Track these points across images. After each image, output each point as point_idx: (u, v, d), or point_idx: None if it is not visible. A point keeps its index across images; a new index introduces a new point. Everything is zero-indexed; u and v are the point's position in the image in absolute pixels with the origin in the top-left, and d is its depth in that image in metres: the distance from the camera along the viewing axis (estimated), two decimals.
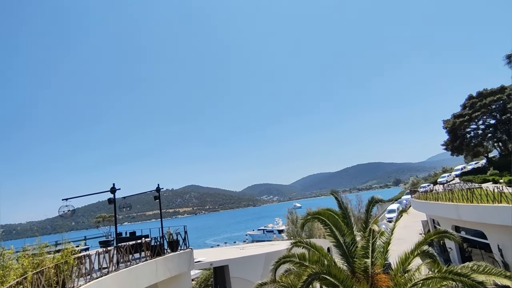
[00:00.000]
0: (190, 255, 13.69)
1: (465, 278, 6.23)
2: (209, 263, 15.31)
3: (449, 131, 44.57)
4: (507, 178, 28.93)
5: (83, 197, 11.89)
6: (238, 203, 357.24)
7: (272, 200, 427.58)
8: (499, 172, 34.89)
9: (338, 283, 7.57)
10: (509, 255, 14.04)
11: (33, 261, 7.45)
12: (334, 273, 7.54)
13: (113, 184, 11.14)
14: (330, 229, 8.54)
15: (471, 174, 42.17)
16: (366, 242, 7.95)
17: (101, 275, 9.61)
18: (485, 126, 42.97)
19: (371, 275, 8.02)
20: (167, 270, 12.44)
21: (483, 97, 41.03)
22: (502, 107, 39.78)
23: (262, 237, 68.37)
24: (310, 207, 42.18)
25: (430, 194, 20.77)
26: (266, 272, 17.01)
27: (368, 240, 7.95)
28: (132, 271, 10.76)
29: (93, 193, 11.97)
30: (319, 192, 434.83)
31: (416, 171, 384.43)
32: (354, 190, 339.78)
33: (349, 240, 8.52)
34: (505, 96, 38.91)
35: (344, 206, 9.39)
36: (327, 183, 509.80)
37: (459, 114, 43.04)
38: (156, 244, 12.44)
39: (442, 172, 59.53)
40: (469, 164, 55.80)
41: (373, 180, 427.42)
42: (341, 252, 8.58)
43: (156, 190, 13.41)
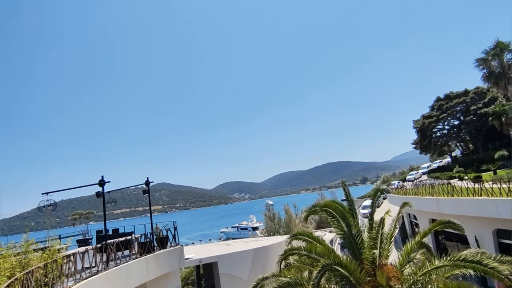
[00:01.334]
0: (181, 252, 13.12)
1: (478, 265, 6.39)
2: (198, 260, 14.78)
3: (418, 131, 46.94)
4: (472, 175, 30.97)
5: (63, 191, 10.90)
6: (209, 201, 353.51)
7: (244, 198, 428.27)
8: (463, 169, 37.25)
9: (349, 274, 7.52)
10: (485, 245, 14.93)
11: (20, 260, 6.61)
12: (345, 264, 7.48)
13: (102, 176, 10.30)
14: (337, 221, 8.47)
15: (437, 171, 44.78)
16: (375, 233, 7.97)
17: (91, 274, 8.86)
18: (449, 126, 45.83)
19: (379, 265, 8.05)
20: (158, 268, 11.82)
21: (449, 99, 43.64)
22: (465, 109, 42.56)
23: (236, 235, 68.00)
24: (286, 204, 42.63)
25: (410, 189, 21.63)
26: (254, 268, 16.78)
27: (378, 231, 7.97)
28: (123, 270, 10.06)
29: (79, 186, 11.00)
30: (290, 190, 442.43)
31: (381, 170, 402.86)
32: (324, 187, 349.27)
33: (355, 232, 8.51)
34: (468, 98, 41.65)
35: (350, 199, 9.39)
36: (298, 181, 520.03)
37: (428, 115, 45.47)
38: (146, 240, 11.74)
39: (410, 170, 62.78)
40: (434, 163, 59.27)
41: (342, 178, 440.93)
42: (348, 243, 8.54)
43: (145, 183, 12.65)
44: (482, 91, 41.71)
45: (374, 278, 7.84)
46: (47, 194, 10.38)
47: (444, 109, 43.04)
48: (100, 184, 10.31)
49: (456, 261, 6.75)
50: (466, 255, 6.71)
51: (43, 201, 10.30)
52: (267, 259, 17.79)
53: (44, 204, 10.30)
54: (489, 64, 25.51)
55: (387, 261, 8.24)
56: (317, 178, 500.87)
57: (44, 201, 10.31)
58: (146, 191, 12.83)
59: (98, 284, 8.77)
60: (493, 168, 28.46)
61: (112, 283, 9.49)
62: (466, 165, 39.34)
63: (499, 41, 24.71)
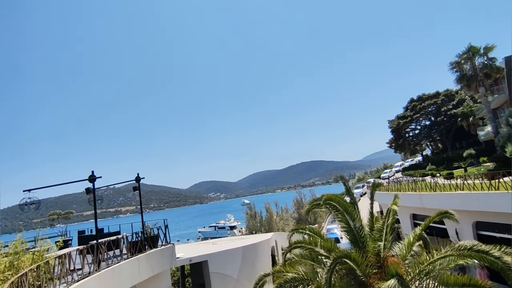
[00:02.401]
0: (172, 251, 12.64)
1: (484, 254, 6.61)
2: (188, 259, 14.32)
3: (393, 131, 48.85)
4: (444, 172, 32.70)
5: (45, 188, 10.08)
6: (184, 201, 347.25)
7: (219, 197, 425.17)
8: (436, 167, 39.23)
9: (356, 267, 7.53)
10: (465, 237, 15.74)
11: (11, 261, 5.96)
12: (354, 257, 7.48)
13: (92, 171, 9.62)
14: (341, 214, 8.48)
15: (410, 169, 46.84)
16: (382, 224, 8.06)
17: (83, 276, 8.25)
18: (421, 127, 48.12)
19: (384, 258, 8.14)
20: (150, 268, 11.29)
21: (422, 100, 45.78)
22: (436, 110, 44.86)
23: (214, 234, 67.22)
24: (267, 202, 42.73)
25: (392, 185, 22.34)
26: (244, 266, 16.56)
27: (384, 222, 8.07)
28: (115, 271, 9.49)
29: (67, 182, 10.21)
30: (265, 189, 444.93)
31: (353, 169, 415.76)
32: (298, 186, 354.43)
33: (359, 225, 8.56)
34: (439, 100, 43.91)
35: (351, 193, 9.45)
36: (273, 180, 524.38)
37: (402, 115, 47.42)
38: (138, 240, 11.15)
39: (384, 168, 65.27)
40: (406, 161, 61.98)
41: (316, 177, 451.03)
42: (351, 236, 8.58)
43: (136, 180, 12.02)
44: (451, 93, 44.16)
45: (380, 271, 7.92)
46: (29, 191, 9.55)
47: (418, 110, 45.08)
48: (90, 180, 9.64)
49: (461, 251, 6.94)
50: (472, 245, 6.92)
51: (24, 198, 9.47)
52: (256, 257, 17.64)
53: (26, 202, 9.47)
54: (462, 67, 26.96)
55: (390, 253, 8.36)
56: (291, 177, 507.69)
57: (26, 199, 9.48)
58: (136, 187, 12.20)
59: (91, 286, 8.19)
60: (464, 166, 30.14)
61: (105, 284, 8.91)
62: (438, 163, 41.48)
63: (471, 46, 26.18)
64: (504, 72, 26.09)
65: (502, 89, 28.47)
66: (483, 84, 25.84)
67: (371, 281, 7.84)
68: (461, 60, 26.75)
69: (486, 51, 25.67)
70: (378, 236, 8.09)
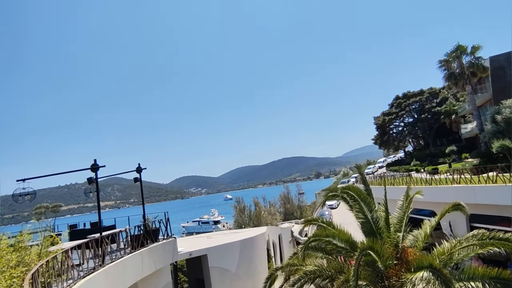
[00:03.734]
0: (174, 245, 12.14)
1: (507, 242, 6.64)
2: (188, 253, 13.85)
3: (378, 127, 49.86)
4: (430, 168, 33.75)
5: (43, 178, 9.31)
6: (165, 196, 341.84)
7: (201, 192, 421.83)
8: (420, 163, 40.42)
9: (378, 258, 7.41)
10: (457, 229, 16.21)
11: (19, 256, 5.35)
12: (377, 249, 7.35)
13: (95, 160, 8.96)
14: (359, 205, 8.34)
15: (394, 165, 48.08)
16: (402, 214, 7.98)
17: (88, 272, 7.68)
18: (404, 124, 49.44)
19: (402, 249, 8.07)
20: (152, 263, 10.78)
21: (407, 98, 46.92)
22: (420, 107, 46.16)
23: (197, 229, 66.49)
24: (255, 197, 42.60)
25: (386, 179, 22.67)
26: (242, 260, 16.30)
27: (405, 212, 7.99)
28: (119, 266, 8.95)
29: (67, 171, 9.45)
30: (247, 184, 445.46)
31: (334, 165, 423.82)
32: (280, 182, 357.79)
33: (376, 216, 8.46)
34: (424, 98, 45.16)
35: (367, 184, 9.34)
36: (255, 175, 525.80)
37: (388, 112, 48.44)
38: (140, 233, 10.58)
39: (367, 164, 66.74)
40: (389, 157, 63.66)
41: (297, 173, 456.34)
42: (368, 228, 8.46)
43: (137, 170, 11.39)
44: (435, 92, 45.54)
45: (400, 262, 7.84)
46: (23, 181, 8.77)
47: (403, 107, 46.17)
48: (92, 169, 8.97)
49: (484, 240, 6.96)
50: (494, 233, 6.95)
51: (18, 189, 8.69)
52: (253, 251, 17.42)
53: (20, 193, 8.69)
54: (450, 65, 27.67)
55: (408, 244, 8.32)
56: (273, 173, 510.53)
57: (20, 189, 8.70)
58: (137, 178, 11.56)
59: (97, 282, 7.64)
60: (448, 161, 31.16)
61: (110, 280, 8.37)
62: (421, 159, 42.75)
63: (459, 45, 26.90)
64: (488, 71, 27.08)
65: (485, 88, 29.58)
66: (469, 82, 26.65)
67: (390, 273, 7.77)
68: (449, 58, 27.42)
69: (474, 50, 26.44)
70: (398, 227, 8.01)
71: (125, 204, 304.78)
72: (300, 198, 52.45)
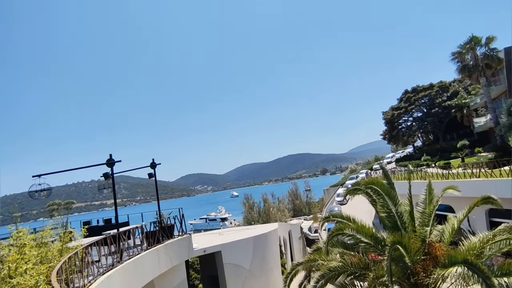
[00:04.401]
0: (189, 241, 11.98)
1: None
2: (202, 250, 13.70)
3: (387, 122, 49.18)
4: (441, 162, 33.17)
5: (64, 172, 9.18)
6: (171, 193, 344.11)
7: (207, 189, 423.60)
8: (430, 157, 39.81)
9: (406, 253, 7.13)
10: (477, 224, 15.82)
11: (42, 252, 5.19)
12: (405, 243, 7.07)
13: (110, 155, 8.79)
14: (383, 199, 8.06)
15: (403, 160, 47.46)
16: (432, 208, 7.69)
17: (107, 268, 7.53)
18: (413, 118, 48.66)
19: (429, 244, 7.78)
20: (168, 259, 10.63)
21: (416, 92, 46.16)
22: (430, 101, 45.37)
23: (205, 226, 66.61)
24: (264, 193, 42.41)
25: (399, 174, 22.27)
26: (255, 257, 16.13)
27: (433, 207, 7.70)
28: (137, 262, 8.80)
29: (82, 167, 9.31)
30: (252, 181, 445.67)
31: (340, 161, 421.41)
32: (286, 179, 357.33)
33: (401, 210, 8.17)
34: (434, 92, 44.38)
35: (389, 177, 9.04)
36: (260, 172, 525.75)
37: (397, 106, 47.74)
38: (156, 229, 10.43)
39: (375, 160, 66.08)
40: (397, 153, 62.93)
41: (302, 170, 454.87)
42: (392, 222, 8.17)
43: (151, 166, 11.22)
44: (445, 85, 44.72)
45: (428, 257, 7.55)
46: (39, 176, 8.65)
47: (412, 101, 45.45)
48: (108, 164, 8.81)
49: None
50: None
51: (34, 185, 8.58)
52: (266, 247, 17.24)
53: (36, 189, 8.57)
54: (463, 57, 27.04)
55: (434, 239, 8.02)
56: (279, 170, 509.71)
57: (35, 185, 8.58)
58: (151, 174, 11.40)
59: (116, 279, 7.50)
60: (461, 156, 30.57)
61: (128, 277, 8.22)
62: (431, 154, 42.12)
63: (473, 36, 26.23)
64: (503, 63, 26.39)
65: (499, 80, 28.88)
66: (484, 74, 26.01)
67: (417, 268, 7.49)
68: (462, 50, 26.79)
69: (488, 41, 25.77)
70: (427, 221, 7.71)
71: (131, 202, 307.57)
72: (308, 195, 52.21)
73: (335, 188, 47.37)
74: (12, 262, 4.29)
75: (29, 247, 5.03)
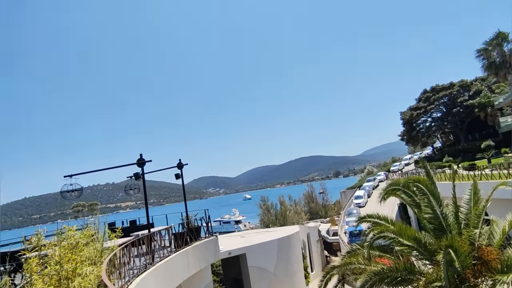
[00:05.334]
0: (216, 243, 11.76)
1: None
2: (227, 252, 13.46)
3: (405, 123, 48.02)
4: (466, 163, 32.03)
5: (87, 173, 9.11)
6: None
7: (219, 192, 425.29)
8: (452, 159, 38.55)
9: (456, 258, 6.66)
10: None
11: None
12: (456, 247, 6.60)
13: (140, 155, 8.66)
14: (428, 199, 7.61)
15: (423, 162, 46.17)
16: (482, 208, 7.20)
17: (141, 270, 7.35)
18: (432, 119, 47.32)
19: (478, 247, 7.28)
20: (197, 261, 10.42)
21: (435, 91, 44.93)
22: (451, 101, 44.06)
23: (219, 229, 66.48)
24: (281, 195, 41.96)
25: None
26: (279, 260, 15.77)
27: (483, 208, 7.21)
28: (168, 264, 8.60)
29: (116, 166, 9.23)
30: (264, 184, 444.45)
31: (353, 164, 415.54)
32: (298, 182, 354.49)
33: (446, 212, 7.69)
34: (455, 91, 43.08)
35: (431, 176, 8.58)
36: (272, 175, 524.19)
37: (415, 106, 46.58)
38: (184, 231, 10.24)
39: (392, 161, 64.63)
40: (415, 154, 61.35)
41: (315, 172, 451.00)
42: (437, 224, 7.71)
43: (178, 166, 11.07)
44: (467, 84, 43.34)
45: (479, 262, 7.05)
46: (70, 177, 8.60)
47: (432, 101, 44.26)
48: (138, 164, 8.68)
49: None
50: None
51: (66, 185, 8.52)
52: (290, 250, 16.86)
53: (68, 189, 8.51)
54: (489, 54, 26.04)
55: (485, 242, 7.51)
56: (291, 172, 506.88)
57: (67, 186, 8.52)
58: (178, 175, 11.26)
59: (150, 281, 7.31)
60: (488, 157, 29.46)
61: (160, 279, 8.03)
62: (453, 155, 40.82)
63: (500, 32, 25.26)
64: None
65: None
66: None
67: (467, 273, 7.00)
68: (488, 47, 25.82)
69: None
70: (475, 223, 7.22)
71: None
72: (324, 197, 51.41)
73: (352, 191, 46.46)
74: (68, 263, 4.12)
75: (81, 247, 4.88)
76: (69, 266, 4.09)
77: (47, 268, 4.04)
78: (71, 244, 4.88)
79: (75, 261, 4.30)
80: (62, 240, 4.93)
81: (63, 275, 3.98)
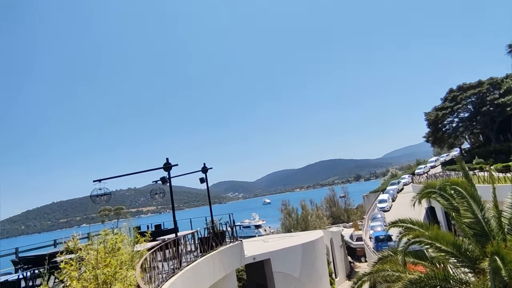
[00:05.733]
0: (241, 248, 11.62)
1: None
2: (252, 257, 13.29)
3: (430, 124, 46.24)
4: (499, 165, 30.31)
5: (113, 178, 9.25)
6: (204, 201, 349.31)
7: (238, 197, 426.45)
8: (483, 160, 36.65)
9: (503, 265, 6.16)
10: None
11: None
12: (503, 254, 6.12)
13: (167, 159, 8.72)
14: (468, 203, 7.13)
15: (451, 164, 44.18)
16: None
17: (169, 274, 7.31)
18: (459, 119, 45.24)
19: None
20: (222, 266, 10.31)
21: (463, 90, 43.02)
22: (479, 100, 42.01)
23: (239, 233, 66.10)
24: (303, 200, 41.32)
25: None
26: (304, 265, 15.41)
27: None
28: (195, 269, 8.54)
29: (143, 171, 9.36)
30: (283, 188, 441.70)
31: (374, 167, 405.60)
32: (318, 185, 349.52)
33: (488, 216, 7.18)
34: (484, 89, 41.07)
35: (470, 178, 8.09)
36: (291, 179, 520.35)
37: (441, 106, 44.80)
38: (210, 235, 10.18)
39: (417, 164, 62.42)
40: (441, 156, 58.96)
41: (335, 176, 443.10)
42: (479, 230, 7.20)
43: (203, 170, 11.07)
44: (497, 82, 41.22)
45: None
46: (99, 181, 8.75)
47: (458, 100, 42.41)
48: (165, 169, 8.73)
49: None
50: None
51: (95, 189, 8.69)
52: (314, 255, 16.47)
53: (98, 193, 8.67)
54: None
55: None
56: (310, 176, 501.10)
57: (97, 190, 8.68)
58: (203, 179, 11.27)
59: (178, 285, 7.26)
60: None
61: (188, 284, 7.97)
62: (483, 157, 38.80)
63: None
64: None
65: None
66: None
67: None
68: None
69: None
70: None
71: (165, 209, 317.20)
72: (346, 201, 50.26)
73: (376, 194, 45.10)
74: (107, 266, 4.12)
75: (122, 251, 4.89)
76: (107, 270, 4.08)
77: (86, 272, 4.05)
78: (107, 248, 4.90)
79: (113, 265, 4.28)
80: (100, 242, 4.97)
81: (102, 279, 3.96)
